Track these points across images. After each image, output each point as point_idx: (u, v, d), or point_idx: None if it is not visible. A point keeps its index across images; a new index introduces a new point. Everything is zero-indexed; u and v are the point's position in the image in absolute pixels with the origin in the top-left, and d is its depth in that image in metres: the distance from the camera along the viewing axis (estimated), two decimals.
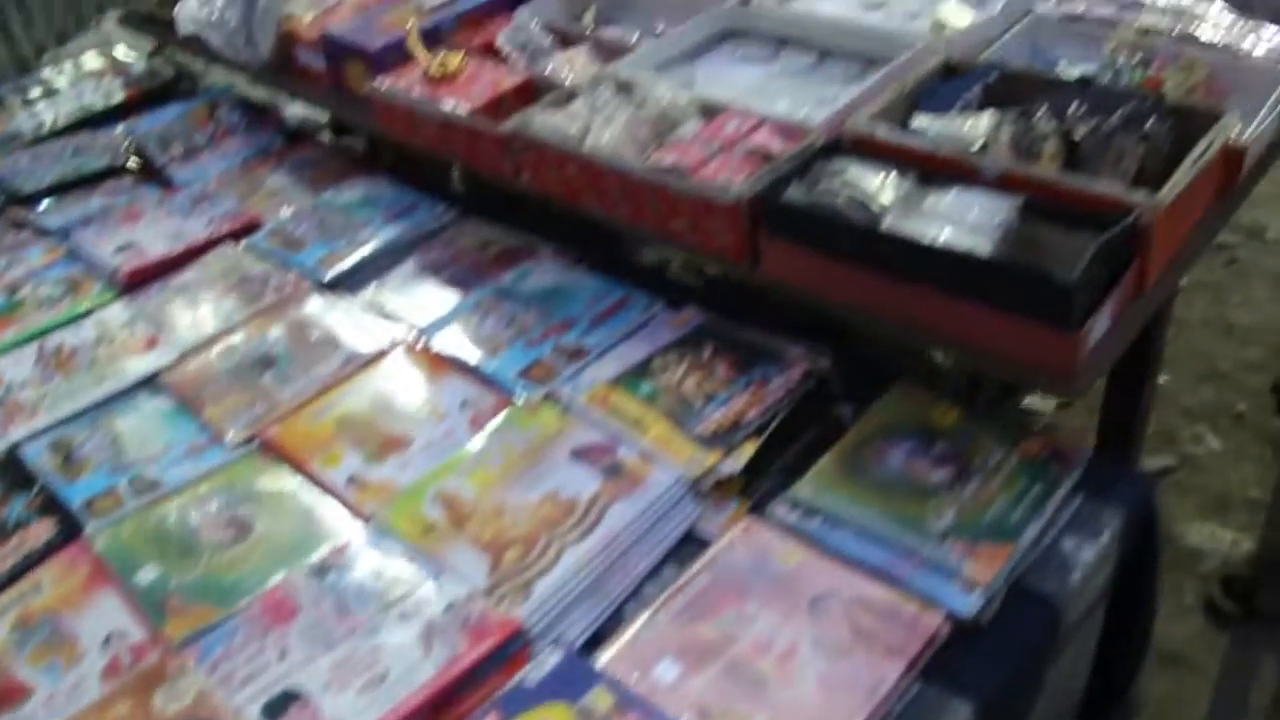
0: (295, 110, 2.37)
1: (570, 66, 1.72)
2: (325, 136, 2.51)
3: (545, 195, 1.62)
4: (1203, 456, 2.92)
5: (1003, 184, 1.36)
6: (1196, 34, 1.70)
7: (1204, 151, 1.37)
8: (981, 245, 1.28)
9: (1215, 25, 1.70)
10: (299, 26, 2.02)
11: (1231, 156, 1.47)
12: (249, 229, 1.88)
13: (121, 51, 2.50)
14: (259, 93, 2.18)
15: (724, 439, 1.34)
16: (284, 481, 1.41)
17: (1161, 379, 3.09)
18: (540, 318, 1.57)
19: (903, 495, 1.28)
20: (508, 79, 1.74)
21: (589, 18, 1.94)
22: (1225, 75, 1.62)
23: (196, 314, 1.71)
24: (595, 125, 1.54)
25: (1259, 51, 1.66)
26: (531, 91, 1.71)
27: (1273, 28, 1.71)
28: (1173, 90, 1.59)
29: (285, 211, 1.90)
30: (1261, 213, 3.61)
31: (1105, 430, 1.67)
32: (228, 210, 1.93)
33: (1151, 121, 1.43)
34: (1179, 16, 1.72)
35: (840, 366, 1.43)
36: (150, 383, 1.60)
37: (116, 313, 1.74)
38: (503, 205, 1.75)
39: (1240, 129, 1.49)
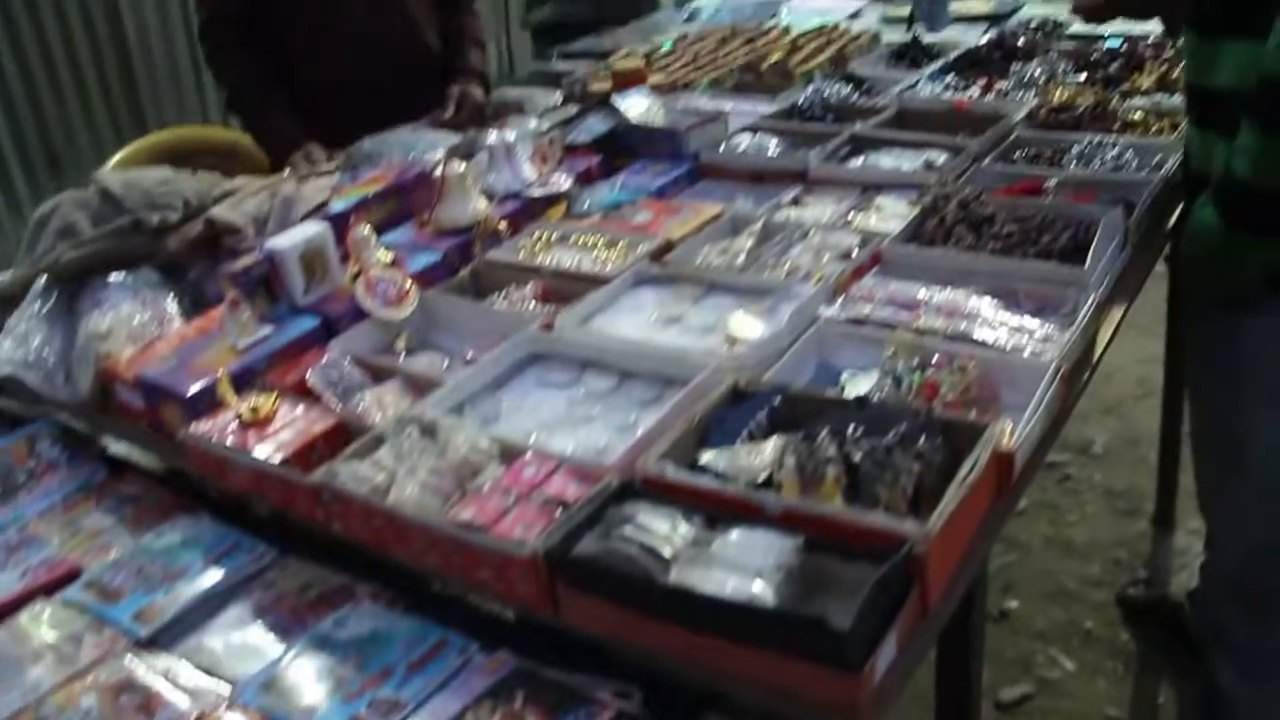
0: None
1: (379, 405, 1.76)
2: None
3: (358, 542, 1.64)
4: (1058, 679, 2.98)
5: (785, 520, 1.42)
6: (968, 331, 1.81)
7: (970, 470, 1.46)
8: (763, 591, 1.32)
9: (984, 322, 1.82)
10: (117, 364, 2.02)
11: (1003, 460, 1.56)
12: (67, 579, 1.84)
13: None
14: (80, 423, 2.17)
15: None
16: None
17: (1012, 604, 3.18)
18: (358, 668, 1.55)
19: None
20: (318, 423, 1.76)
21: (400, 344, 1.99)
22: (997, 372, 1.73)
23: (4, 684, 1.66)
24: (400, 475, 1.58)
25: (1026, 345, 1.78)
26: (343, 433, 1.75)
27: (1036, 321, 1.83)
28: (948, 391, 1.69)
29: (106, 557, 1.87)
30: (1088, 428, 3.79)
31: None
32: (45, 558, 1.89)
33: (923, 439, 1.51)
34: (952, 315, 1.84)
35: (651, 702, 1.45)
36: None
37: None
38: (325, 541, 1.76)
39: (1010, 428, 1.59)
